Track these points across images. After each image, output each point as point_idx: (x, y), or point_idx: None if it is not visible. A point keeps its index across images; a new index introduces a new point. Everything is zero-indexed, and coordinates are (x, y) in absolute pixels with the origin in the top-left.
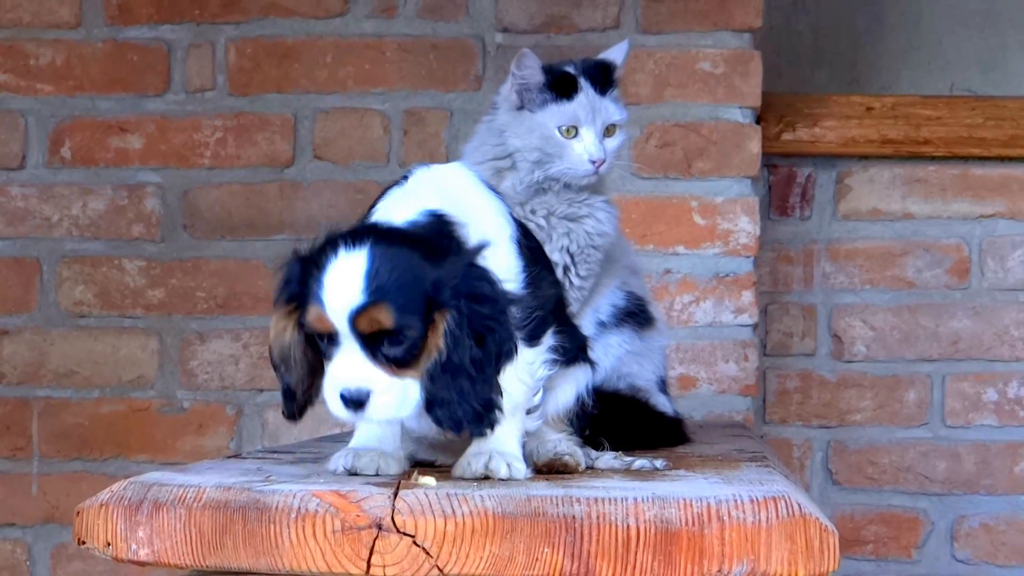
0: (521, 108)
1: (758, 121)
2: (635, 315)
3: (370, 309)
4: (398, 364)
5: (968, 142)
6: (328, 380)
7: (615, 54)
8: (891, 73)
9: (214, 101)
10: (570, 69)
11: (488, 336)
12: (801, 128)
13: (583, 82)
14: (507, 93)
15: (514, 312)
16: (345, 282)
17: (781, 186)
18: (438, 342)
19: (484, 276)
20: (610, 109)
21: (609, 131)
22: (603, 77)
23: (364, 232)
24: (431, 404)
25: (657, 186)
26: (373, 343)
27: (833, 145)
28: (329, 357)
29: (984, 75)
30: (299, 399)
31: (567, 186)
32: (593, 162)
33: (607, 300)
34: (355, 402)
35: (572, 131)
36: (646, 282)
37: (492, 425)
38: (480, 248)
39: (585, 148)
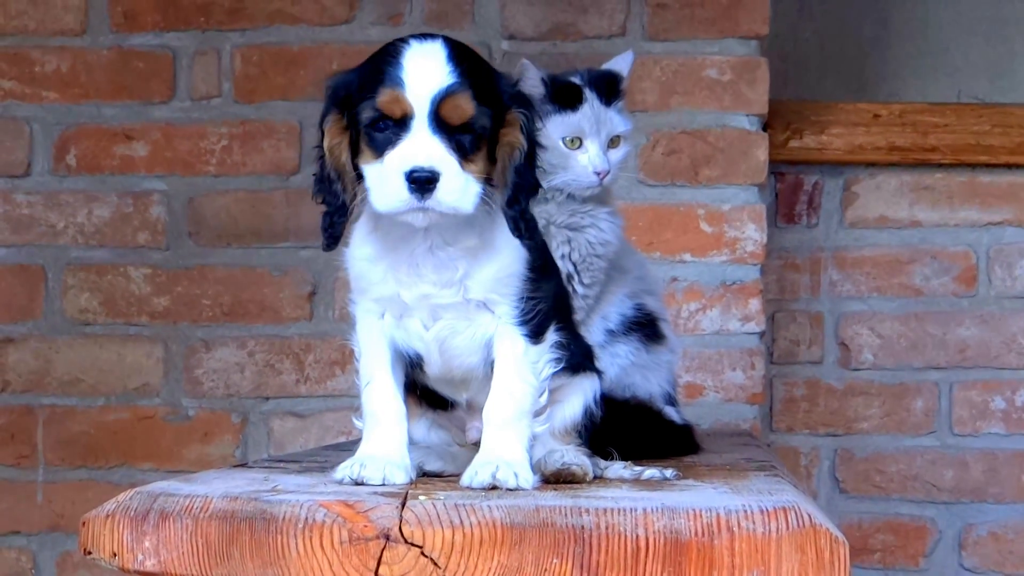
0: None
1: (765, 128)
2: (644, 327)
3: (457, 94)
4: (467, 156)
5: (975, 149)
6: (392, 162)
7: (620, 64)
8: (898, 80)
9: (220, 108)
10: (575, 79)
11: (534, 159)
12: (808, 135)
13: (588, 93)
14: None
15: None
16: (428, 66)
17: (788, 194)
18: (519, 137)
19: (532, 102)
20: (615, 120)
21: (613, 142)
22: (608, 88)
23: (431, 34)
24: (513, 199)
25: (664, 194)
26: (448, 130)
27: (840, 152)
28: (391, 144)
29: (991, 82)
30: (345, 217)
31: (570, 196)
32: (597, 173)
33: (616, 309)
34: (424, 182)
35: (576, 142)
36: (664, 303)
37: (533, 237)
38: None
39: (589, 159)
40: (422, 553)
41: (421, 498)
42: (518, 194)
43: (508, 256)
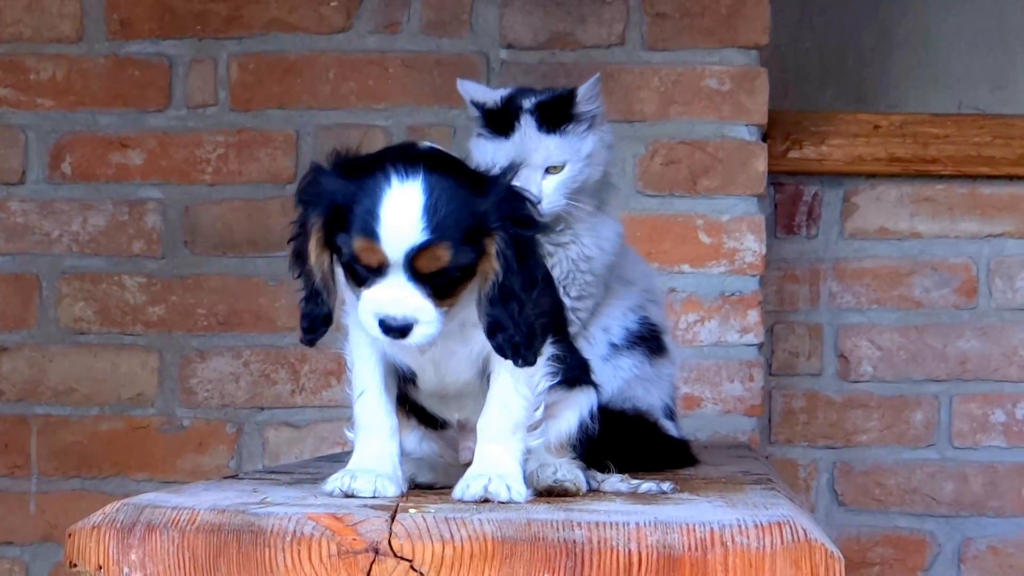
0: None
1: (764, 139)
2: (647, 341)
3: (431, 248)
4: (443, 297)
5: (976, 160)
6: (367, 303)
7: (583, 88)
8: (898, 91)
9: (216, 117)
10: (522, 102)
11: (528, 259)
12: (808, 146)
13: (525, 119)
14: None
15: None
16: (404, 217)
17: (787, 204)
18: (493, 265)
19: (522, 197)
20: (551, 148)
21: (554, 170)
22: (554, 113)
23: (413, 159)
24: (492, 330)
25: (662, 204)
26: (423, 278)
27: (840, 163)
28: (366, 282)
29: (992, 93)
30: (329, 325)
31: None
32: None
33: (619, 322)
34: (396, 330)
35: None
36: (666, 313)
37: (537, 354)
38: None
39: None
40: (411, 567)
41: (411, 511)
42: (494, 325)
43: None
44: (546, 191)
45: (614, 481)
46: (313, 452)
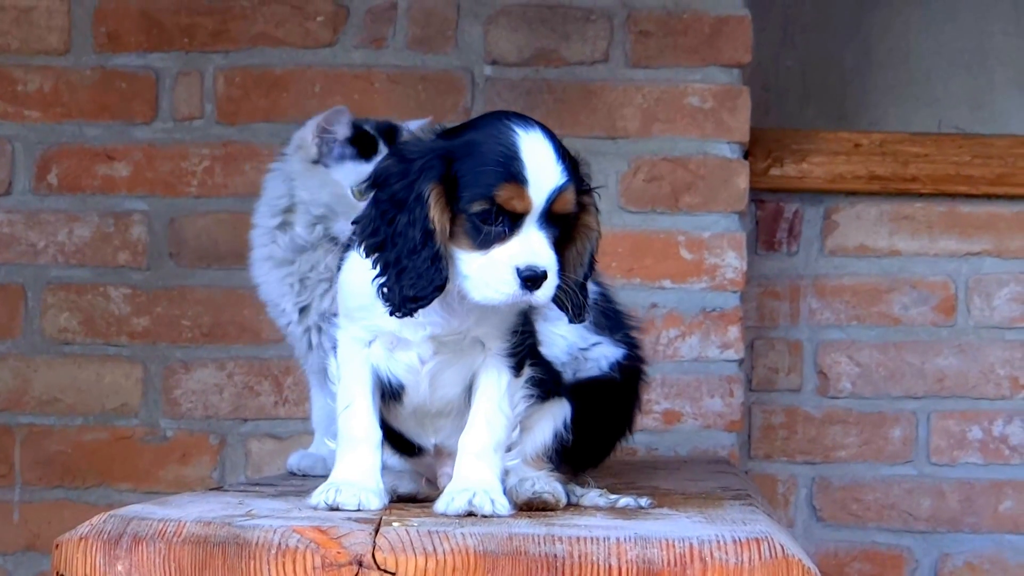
0: (317, 162)
1: (746, 156)
2: None
3: (566, 190)
4: (556, 246)
5: (955, 179)
6: (502, 257)
7: (412, 126)
8: (879, 110)
9: (202, 130)
10: (368, 128)
11: None
12: (789, 164)
13: (382, 145)
14: (306, 143)
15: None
16: (545, 161)
17: (768, 221)
18: (596, 222)
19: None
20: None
21: None
22: (395, 140)
23: (519, 115)
24: (583, 283)
25: (644, 220)
26: (549, 224)
27: (820, 181)
28: (499, 238)
29: (972, 113)
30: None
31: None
32: None
33: None
34: (532, 280)
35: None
36: None
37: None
38: None
39: None
40: None
41: (395, 524)
42: (587, 277)
43: None
44: None
45: (592, 496)
46: None
